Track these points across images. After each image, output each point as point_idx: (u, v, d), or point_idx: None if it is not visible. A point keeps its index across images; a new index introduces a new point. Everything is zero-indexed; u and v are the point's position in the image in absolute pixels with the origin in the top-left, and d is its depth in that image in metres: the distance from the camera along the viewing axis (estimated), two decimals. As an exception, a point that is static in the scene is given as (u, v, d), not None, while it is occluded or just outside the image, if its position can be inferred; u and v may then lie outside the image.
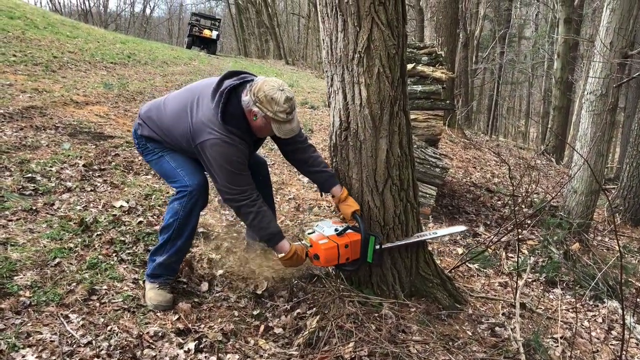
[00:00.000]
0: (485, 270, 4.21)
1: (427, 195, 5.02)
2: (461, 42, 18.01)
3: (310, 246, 2.89)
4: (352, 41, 2.84)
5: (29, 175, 4.05)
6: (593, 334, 3.60)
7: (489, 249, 4.60)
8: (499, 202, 6.11)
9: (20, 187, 3.82)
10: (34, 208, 3.57)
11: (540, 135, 22.15)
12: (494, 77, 28.18)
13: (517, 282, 3.68)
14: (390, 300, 3.15)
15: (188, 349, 2.50)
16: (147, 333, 2.55)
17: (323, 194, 3.13)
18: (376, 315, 2.97)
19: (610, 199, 6.81)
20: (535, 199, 6.58)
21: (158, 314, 2.73)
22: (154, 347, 2.47)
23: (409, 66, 5.46)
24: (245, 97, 2.65)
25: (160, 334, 2.57)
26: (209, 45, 25.64)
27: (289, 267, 2.96)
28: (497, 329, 3.20)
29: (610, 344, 3.42)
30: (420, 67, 5.51)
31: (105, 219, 3.61)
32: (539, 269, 4.54)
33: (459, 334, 3.02)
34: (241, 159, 2.69)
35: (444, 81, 5.46)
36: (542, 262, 4.65)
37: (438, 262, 4.07)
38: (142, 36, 34.94)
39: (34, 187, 3.89)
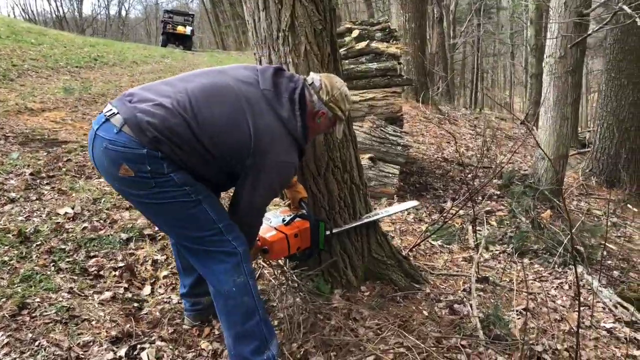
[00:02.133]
0: (449, 247, 4.11)
1: (390, 175, 4.89)
2: (436, 17, 17.85)
3: (257, 240, 2.72)
4: (275, 19, 2.70)
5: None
6: (559, 302, 3.51)
7: (455, 224, 4.50)
8: (469, 176, 6.00)
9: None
10: (-31, 223, 3.42)
11: (523, 105, 22.07)
12: (473, 50, 27.96)
13: (477, 256, 3.58)
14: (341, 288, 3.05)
15: (120, 356, 2.37)
16: (78, 344, 2.42)
17: None
18: (325, 303, 2.86)
19: (585, 162, 6.72)
20: (508, 169, 6.47)
21: (92, 322, 2.60)
22: (83, 356, 2.34)
23: (363, 44, 5.31)
24: (314, 97, 2.23)
25: (91, 343, 2.44)
26: (184, 41, 25.26)
27: None
28: (455, 306, 3.10)
29: (575, 311, 3.32)
30: (374, 44, 5.37)
31: (47, 227, 3.47)
32: (507, 240, 4.44)
33: (414, 315, 2.91)
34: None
35: (399, 57, 5.32)
36: (510, 233, 4.55)
37: (398, 242, 3.96)
38: (119, 38, 34.47)
39: (-28, 201, 3.73)
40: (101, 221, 3.69)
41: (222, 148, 2.04)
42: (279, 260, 3.10)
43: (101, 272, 3.05)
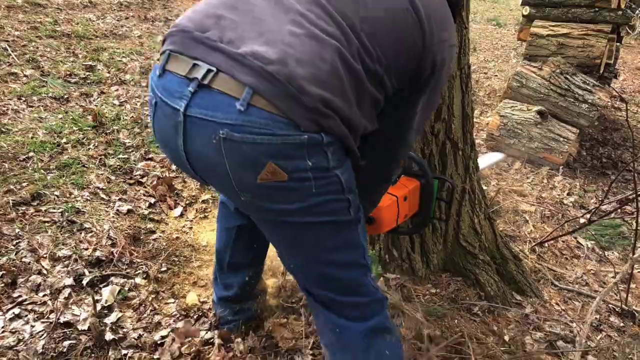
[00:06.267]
0: (604, 252, 2.86)
1: (562, 139, 3.60)
2: None
3: None
4: None
5: (90, 63, 3.81)
6: None
7: (630, 223, 3.16)
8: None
9: (70, 74, 3.60)
10: (66, 97, 3.31)
11: None
12: None
13: (625, 270, 2.39)
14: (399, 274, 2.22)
15: (81, 285, 1.97)
16: (53, 256, 2.07)
17: None
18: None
19: None
20: None
21: (88, 235, 2.23)
22: (45, 273, 1.98)
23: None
24: None
25: (65, 259, 2.07)
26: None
27: None
28: (560, 343, 2.07)
29: None
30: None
31: (130, 117, 3.20)
32: None
33: (486, 338, 1.99)
34: None
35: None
36: None
37: (530, 229, 2.90)
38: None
39: (86, 75, 3.64)
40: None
41: (395, 63, 1.12)
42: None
43: (143, 179, 2.67)
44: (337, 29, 1.04)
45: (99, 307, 1.87)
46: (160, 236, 2.33)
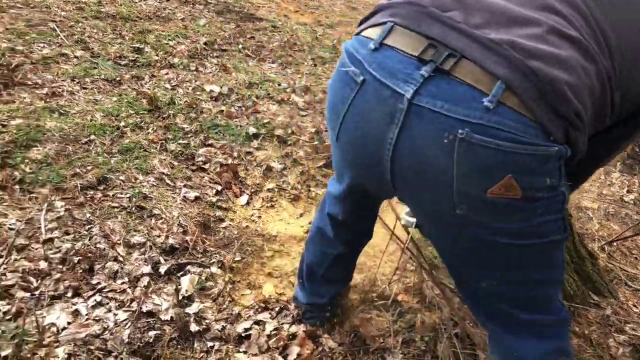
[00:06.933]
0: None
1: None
2: None
3: None
4: None
5: (137, 45, 3.75)
6: None
7: None
8: None
9: (120, 56, 3.54)
10: (118, 79, 3.25)
11: None
12: None
13: None
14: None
15: (159, 272, 1.92)
16: (127, 243, 2.02)
17: None
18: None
19: None
20: None
21: (159, 221, 2.18)
22: (121, 260, 1.94)
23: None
24: None
25: (140, 246, 2.02)
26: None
27: None
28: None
29: None
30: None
31: (184, 101, 3.14)
32: None
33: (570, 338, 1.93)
34: None
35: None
36: None
37: (596, 227, 2.82)
38: None
39: (135, 57, 3.57)
40: (242, 108, 3.24)
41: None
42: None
43: (206, 165, 2.61)
44: (594, 41, 0.91)
45: (179, 296, 1.82)
46: (230, 224, 2.28)
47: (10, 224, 1.97)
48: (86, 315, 1.70)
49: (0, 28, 3.45)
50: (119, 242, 2.01)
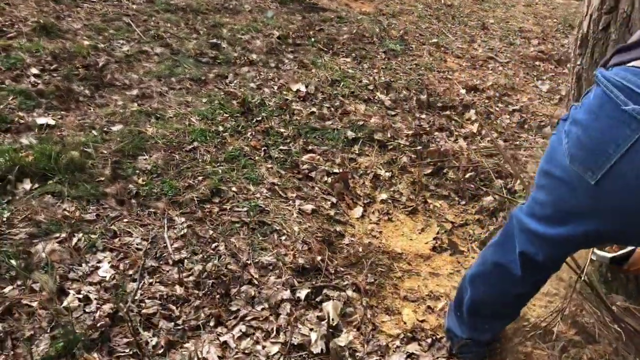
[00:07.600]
0: None
1: None
2: None
3: None
4: None
5: (214, 40, 3.62)
6: None
7: None
8: None
9: (200, 52, 3.41)
10: (203, 78, 3.13)
11: None
12: None
13: None
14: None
15: (298, 298, 1.80)
16: (257, 263, 1.91)
17: None
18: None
19: None
20: None
21: (282, 237, 2.06)
22: (256, 283, 1.83)
23: None
24: None
25: (271, 267, 1.91)
26: None
27: None
28: None
29: None
30: None
31: (274, 102, 3.01)
32: None
33: None
34: None
35: None
36: None
37: None
38: None
39: (214, 54, 3.45)
40: (332, 109, 3.10)
41: None
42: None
43: (312, 174, 2.48)
44: None
45: (324, 325, 1.71)
46: (352, 240, 2.15)
47: (137, 244, 1.87)
48: (235, 347, 1.60)
49: (78, 24, 3.34)
50: (248, 262, 1.90)
